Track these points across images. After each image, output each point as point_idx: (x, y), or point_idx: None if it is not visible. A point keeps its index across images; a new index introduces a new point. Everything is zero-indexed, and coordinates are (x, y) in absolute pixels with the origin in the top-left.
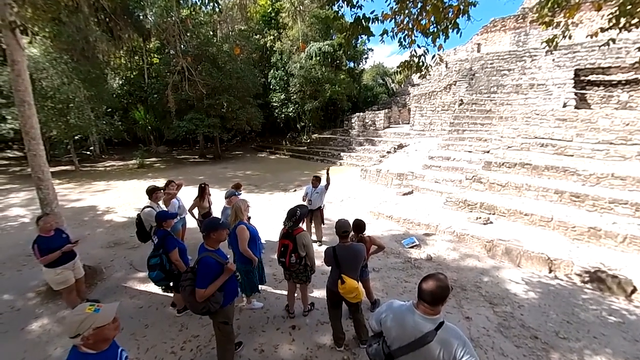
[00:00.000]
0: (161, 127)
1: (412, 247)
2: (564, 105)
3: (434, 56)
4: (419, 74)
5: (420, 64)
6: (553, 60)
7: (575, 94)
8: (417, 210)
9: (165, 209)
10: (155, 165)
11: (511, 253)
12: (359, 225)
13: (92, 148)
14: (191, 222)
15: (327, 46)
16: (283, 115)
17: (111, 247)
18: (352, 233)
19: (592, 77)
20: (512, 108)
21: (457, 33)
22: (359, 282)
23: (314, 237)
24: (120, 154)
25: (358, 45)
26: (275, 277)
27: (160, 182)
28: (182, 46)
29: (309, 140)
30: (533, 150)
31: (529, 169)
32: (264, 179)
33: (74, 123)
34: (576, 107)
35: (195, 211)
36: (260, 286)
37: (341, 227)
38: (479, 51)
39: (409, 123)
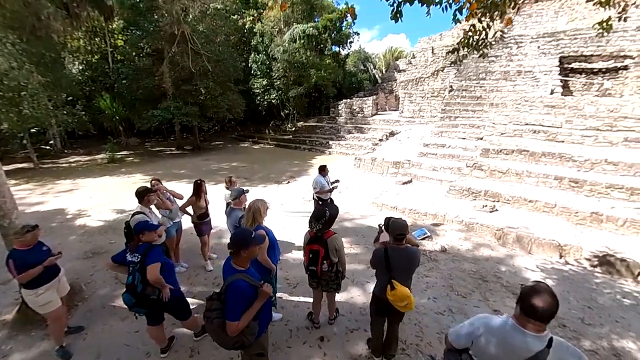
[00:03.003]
0: (131, 117)
1: (423, 238)
2: (552, 92)
3: (495, 33)
4: (479, 54)
5: (480, 41)
6: (538, 47)
7: (561, 80)
8: (421, 200)
9: (158, 214)
10: (127, 159)
11: (522, 240)
12: None
13: (52, 142)
14: (185, 223)
15: (311, 29)
16: (265, 103)
17: (89, 257)
18: (384, 232)
19: (574, 65)
20: (502, 94)
21: (513, 8)
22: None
23: None
24: (85, 147)
25: (343, 28)
26: (289, 281)
27: (136, 178)
28: (154, 25)
29: (294, 129)
30: (526, 136)
31: (526, 156)
32: (252, 171)
33: (29, 113)
34: (562, 94)
35: (190, 210)
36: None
37: (397, 228)
38: None
39: (396, 110)
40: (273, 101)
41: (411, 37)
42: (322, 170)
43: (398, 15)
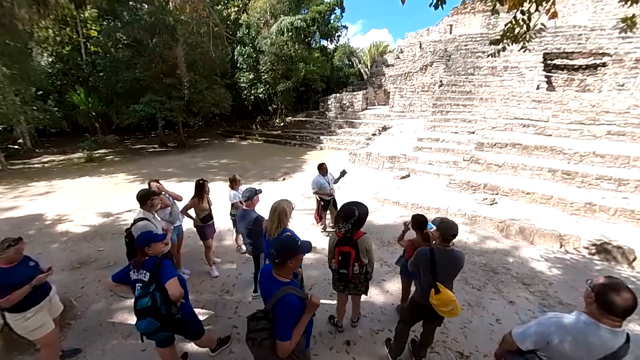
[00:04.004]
0: (109, 113)
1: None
2: (538, 88)
3: (535, 26)
4: (520, 47)
5: (522, 32)
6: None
7: (545, 76)
8: (422, 194)
9: (158, 219)
10: (107, 157)
11: (525, 232)
12: (422, 220)
13: (20, 141)
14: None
15: (299, 21)
16: (252, 97)
17: (76, 268)
18: (409, 230)
19: (557, 61)
20: (490, 89)
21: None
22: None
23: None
24: (59, 146)
25: (332, 21)
26: (304, 283)
27: (119, 178)
28: (133, 13)
29: (282, 124)
30: (516, 130)
31: (519, 149)
32: (244, 168)
33: None
34: (547, 90)
35: (192, 212)
36: None
37: (450, 230)
38: (451, 33)
39: (385, 104)
40: (260, 95)
41: (393, 32)
42: (321, 168)
43: (440, 2)
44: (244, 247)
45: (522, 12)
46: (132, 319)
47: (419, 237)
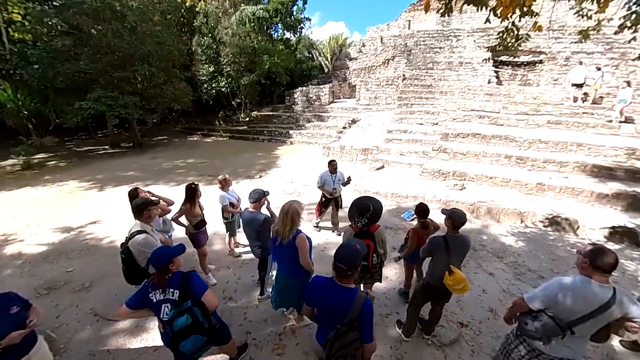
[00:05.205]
0: (44, 111)
1: (413, 219)
2: (489, 82)
3: (523, 36)
4: (510, 54)
5: (513, 40)
6: (474, 41)
7: (495, 71)
8: (398, 183)
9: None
10: (49, 163)
11: (492, 212)
12: (426, 209)
13: None
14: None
15: (261, 11)
16: (213, 91)
17: (45, 295)
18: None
19: (503, 58)
20: (449, 83)
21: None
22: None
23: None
24: None
25: (295, 12)
26: None
27: (70, 187)
28: None
29: (248, 119)
30: (473, 121)
31: (479, 138)
32: (214, 167)
33: None
34: (497, 84)
35: (183, 220)
36: None
37: (461, 219)
38: (409, 28)
39: (350, 97)
40: (222, 89)
41: (350, 25)
42: (330, 165)
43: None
44: (236, 250)
45: (513, 24)
46: (131, 344)
47: (418, 225)
